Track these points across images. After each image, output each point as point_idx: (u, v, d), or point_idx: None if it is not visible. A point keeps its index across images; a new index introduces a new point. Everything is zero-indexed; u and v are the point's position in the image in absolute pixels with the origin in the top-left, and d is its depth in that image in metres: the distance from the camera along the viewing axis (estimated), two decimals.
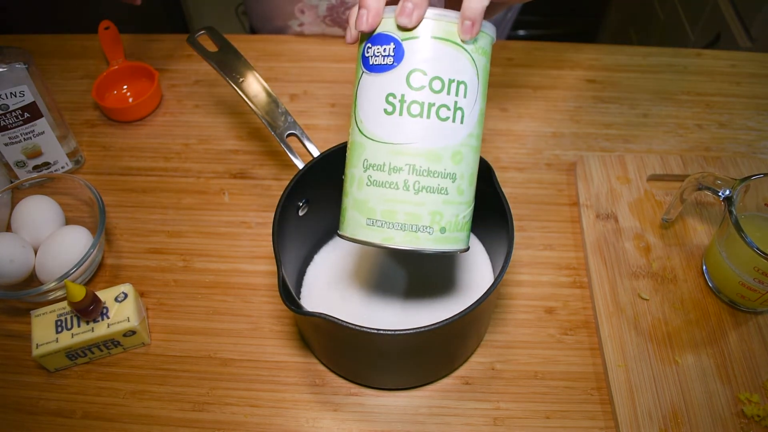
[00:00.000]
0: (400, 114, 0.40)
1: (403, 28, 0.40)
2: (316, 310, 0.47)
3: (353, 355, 0.54)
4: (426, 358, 0.54)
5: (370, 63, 0.41)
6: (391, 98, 0.41)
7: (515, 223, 0.52)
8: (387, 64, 0.40)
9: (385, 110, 0.41)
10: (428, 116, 0.40)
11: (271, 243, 0.51)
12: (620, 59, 0.84)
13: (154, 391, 0.56)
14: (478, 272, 0.60)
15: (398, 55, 0.40)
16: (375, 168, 0.42)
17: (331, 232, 0.63)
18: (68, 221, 0.65)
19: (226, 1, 1.64)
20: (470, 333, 0.55)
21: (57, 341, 0.55)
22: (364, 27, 0.41)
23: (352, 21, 0.43)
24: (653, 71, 0.82)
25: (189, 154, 0.74)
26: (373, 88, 0.41)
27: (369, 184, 0.42)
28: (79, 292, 0.52)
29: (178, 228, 0.67)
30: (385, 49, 0.40)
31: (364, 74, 0.42)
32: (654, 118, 0.77)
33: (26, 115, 0.64)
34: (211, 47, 0.64)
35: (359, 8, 0.41)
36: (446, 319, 0.46)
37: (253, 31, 1.05)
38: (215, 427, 0.54)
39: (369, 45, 0.41)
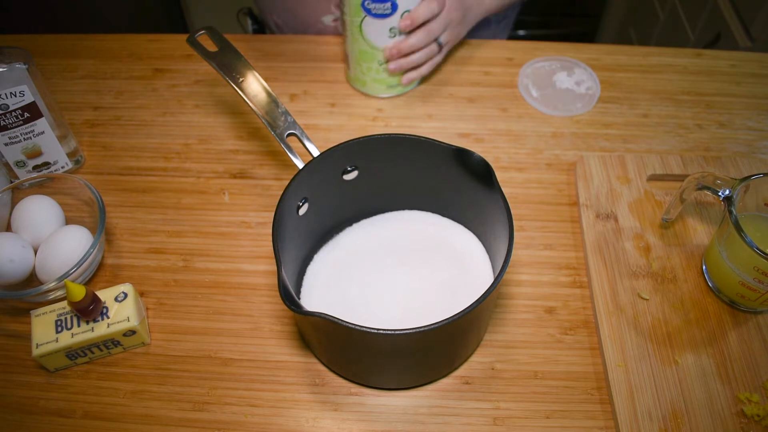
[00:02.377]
0: (397, 36, 0.73)
1: None
2: (316, 310, 0.47)
3: (353, 355, 0.54)
4: (426, 358, 0.54)
5: (373, 12, 0.69)
6: (392, 29, 0.71)
7: (515, 223, 0.52)
8: (386, 13, 0.70)
9: (388, 35, 0.72)
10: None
11: (271, 243, 0.51)
12: (620, 59, 0.84)
13: (154, 391, 0.56)
14: (478, 272, 0.60)
15: (393, 7, 0.69)
16: (380, 62, 0.75)
17: (331, 232, 0.63)
18: (68, 221, 0.65)
19: (226, 1, 1.64)
20: (470, 333, 0.55)
21: (57, 341, 0.55)
22: None
23: None
24: (653, 71, 0.83)
25: (189, 154, 0.74)
26: (376, 24, 0.71)
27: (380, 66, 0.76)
28: (79, 292, 0.52)
29: (178, 228, 0.67)
30: (384, 6, 0.69)
31: (367, 17, 0.70)
32: (654, 118, 0.77)
33: (26, 115, 0.64)
34: (211, 47, 0.64)
35: None
36: (446, 319, 0.46)
37: (263, 28, 1.05)
38: (215, 427, 0.54)
39: (369, 2, 0.69)
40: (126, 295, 0.57)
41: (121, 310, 0.56)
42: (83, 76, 0.82)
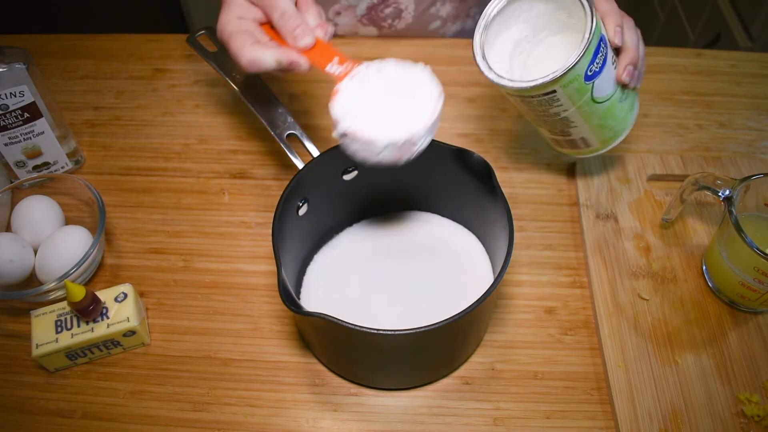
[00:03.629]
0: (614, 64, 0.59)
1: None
2: (316, 310, 0.47)
3: (353, 355, 0.54)
4: (426, 358, 0.54)
5: (599, 70, 0.57)
6: (614, 64, 0.59)
7: (515, 223, 0.52)
8: (605, 58, 0.57)
9: (614, 77, 0.59)
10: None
11: (271, 243, 0.51)
12: None
13: (153, 391, 0.56)
14: (478, 272, 0.60)
15: (605, 43, 0.57)
16: (620, 99, 0.61)
17: (331, 232, 0.63)
18: (68, 221, 0.65)
19: None
20: (470, 333, 0.55)
21: (57, 341, 0.55)
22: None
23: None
24: (653, 71, 0.82)
25: (189, 154, 0.74)
26: (605, 77, 0.57)
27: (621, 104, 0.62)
28: (79, 292, 0.52)
29: (178, 228, 0.67)
30: (601, 55, 0.56)
31: (595, 82, 0.57)
32: (654, 118, 0.77)
33: (26, 115, 0.64)
34: (211, 47, 0.64)
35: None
36: (446, 319, 0.46)
37: None
38: (215, 427, 0.54)
39: (591, 66, 0.56)
40: (126, 296, 0.57)
41: (121, 310, 0.56)
42: (83, 76, 0.82)
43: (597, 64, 0.56)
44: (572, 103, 0.58)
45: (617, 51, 0.59)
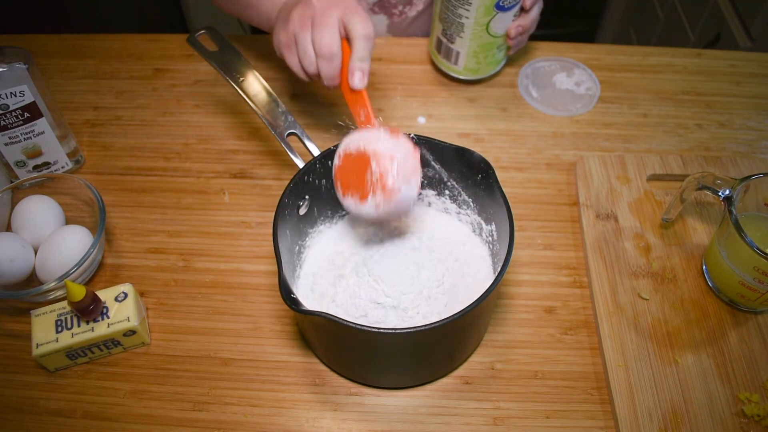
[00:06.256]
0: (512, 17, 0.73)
1: None
2: (316, 309, 0.47)
3: (353, 355, 0.54)
4: (426, 357, 0.54)
5: (506, 7, 0.70)
6: (515, 15, 0.73)
7: (515, 223, 0.52)
8: (516, 2, 0.71)
9: (511, 21, 0.73)
10: None
11: (272, 242, 0.51)
12: (620, 59, 0.84)
13: (154, 391, 0.56)
14: (478, 272, 0.60)
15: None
16: (499, 46, 0.76)
17: (330, 230, 0.63)
18: (68, 221, 0.65)
19: None
20: (470, 333, 0.55)
21: (57, 341, 0.55)
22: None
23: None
24: (653, 71, 0.82)
25: (189, 154, 0.74)
26: (505, 17, 0.72)
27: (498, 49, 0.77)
28: (79, 292, 0.52)
29: (178, 228, 0.67)
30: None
31: (497, 14, 0.71)
32: (654, 118, 0.77)
33: (26, 115, 0.64)
34: (211, 47, 0.64)
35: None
36: (446, 319, 0.46)
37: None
38: (215, 426, 0.54)
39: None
40: (126, 295, 0.57)
41: (121, 310, 0.56)
42: (83, 76, 0.82)
43: (509, 2, 0.70)
44: (475, 16, 0.71)
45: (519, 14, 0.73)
